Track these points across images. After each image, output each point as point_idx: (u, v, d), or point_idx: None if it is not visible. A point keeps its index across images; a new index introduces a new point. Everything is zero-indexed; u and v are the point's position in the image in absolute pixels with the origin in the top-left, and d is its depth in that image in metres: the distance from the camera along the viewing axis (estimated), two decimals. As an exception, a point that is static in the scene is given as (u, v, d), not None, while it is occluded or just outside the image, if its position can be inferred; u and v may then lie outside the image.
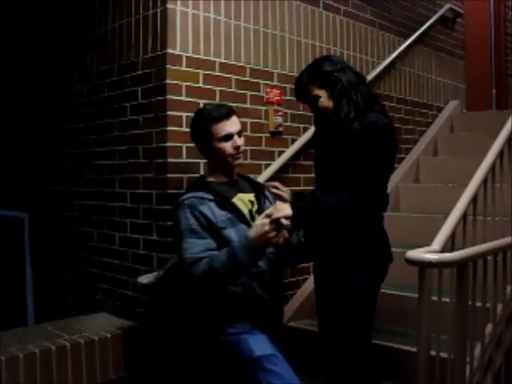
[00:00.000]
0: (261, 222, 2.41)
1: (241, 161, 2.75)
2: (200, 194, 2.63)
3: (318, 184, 2.91)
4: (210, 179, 2.77)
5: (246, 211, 2.69)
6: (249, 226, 2.59)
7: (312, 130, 3.37)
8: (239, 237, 2.50)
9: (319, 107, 2.72)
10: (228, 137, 2.67)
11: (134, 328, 3.38)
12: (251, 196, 2.78)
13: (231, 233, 2.56)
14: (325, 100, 2.70)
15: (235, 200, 2.69)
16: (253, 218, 2.68)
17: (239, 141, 2.71)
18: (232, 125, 2.70)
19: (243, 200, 2.73)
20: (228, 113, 2.71)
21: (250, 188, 2.83)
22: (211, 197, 2.62)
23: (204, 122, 2.70)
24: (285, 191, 2.97)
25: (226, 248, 2.48)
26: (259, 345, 2.53)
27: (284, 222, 2.41)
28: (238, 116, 2.77)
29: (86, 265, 3.93)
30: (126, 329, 3.35)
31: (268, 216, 2.42)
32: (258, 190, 2.85)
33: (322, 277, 2.90)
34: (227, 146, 2.68)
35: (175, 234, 2.65)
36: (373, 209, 2.63)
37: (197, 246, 2.52)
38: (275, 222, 2.40)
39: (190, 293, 2.73)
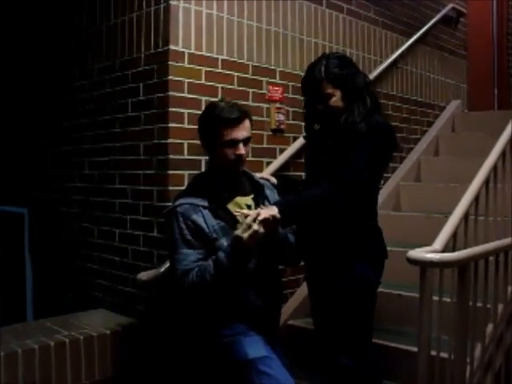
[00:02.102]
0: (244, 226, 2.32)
1: (241, 168, 2.63)
2: (194, 200, 2.53)
3: (309, 180, 2.90)
4: (208, 180, 2.65)
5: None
6: None
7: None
8: (225, 246, 2.43)
9: (330, 106, 2.69)
10: (232, 143, 2.52)
11: (133, 325, 3.38)
12: (249, 199, 2.67)
13: (223, 242, 2.48)
14: (337, 100, 2.67)
15: (231, 205, 2.59)
16: None
17: (243, 149, 2.55)
18: (240, 131, 2.52)
19: (239, 205, 2.61)
20: (239, 117, 2.52)
21: (248, 188, 2.72)
22: (206, 204, 2.52)
23: (211, 121, 2.55)
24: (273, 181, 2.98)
25: (213, 259, 2.41)
26: (254, 347, 2.50)
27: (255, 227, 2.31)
28: (251, 119, 2.61)
29: (86, 261, 3.93)
30: (126, 325, 3.35)
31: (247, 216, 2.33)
32: (258, 190, 2.73)
33: (315, 276, 2.89)
34: (229, 153, 2.53)
35: (169, 241, 2.59)
36: (355, 198, 2.57)
37: (188, 257, 2.47)
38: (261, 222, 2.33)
39: (184, 299, 2.72)
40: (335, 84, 2.67)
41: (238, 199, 2.63)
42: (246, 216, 2.33)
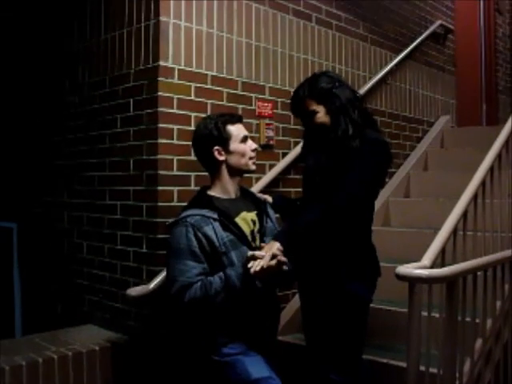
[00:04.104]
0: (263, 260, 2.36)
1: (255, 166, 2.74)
2: (205, 212, 2.52)
3: (305, 196, 2.92)
4: (213, 194, 2.66)
5: (248, 232, 2.61)
6: (250, 247, 2.53)
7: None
8: (235, 266, 2.44)
9: (316, 123, 2.73)
10: (246, 138, 2.66)
11: (122, 341, 3.36)
12: (253, 215, 2.69)
13: (232, 256, 2.48)
14: (322, 116, 2.71)
15: (238, 220, 2.60)
16: (254, 239, 2.62)
17: (254, 143, 2.71)
18: (244, 129, 2.70)
19: (246, 220, 2.64)
20: (240, 117, 2.73)
21: (252, 205, 2.74)
22: (216, 216, 2.52)
23: (222, 124, 2.61)
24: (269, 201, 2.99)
25: (220, 276, 2.41)
26: (256, 367, 2.48)
27: (282, 259, 2.42)
28: None
29: (75, 276, 3.91)
30: (115, 341, 3.33)
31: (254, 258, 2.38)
32: (260, 207, 2.76)
33: (308, 293, 2.89)
34: (247, 148, 2.65)
35: (172, 250, 2.53)
36: (345, 222, 2.62)
37: (193, 270, 2.44)
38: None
39: (180, 313, 2.68)
40: (318, 100, 2.72)
41: (244, 214, 2.65)
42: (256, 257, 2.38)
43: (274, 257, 2.38)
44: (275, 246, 2.43)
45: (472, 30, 7.10)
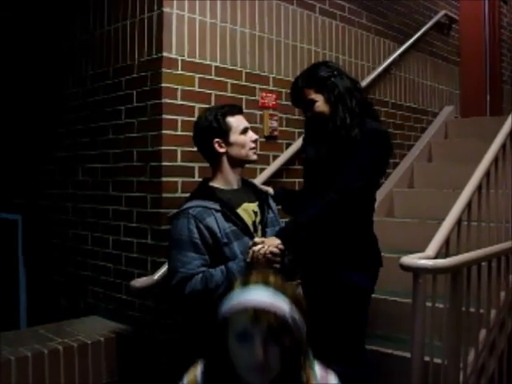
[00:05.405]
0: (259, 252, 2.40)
1: (256, 156, 2.73)
2: (206, 203, 2.52)
3: (307, 186, 2.92)
4: (215, 185, 2.65)
5: (249, 223, 2.60)
6: (252, 238, 2.52)
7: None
8: (237, 259, 2.45)
9: (315, 112, 2.73)
10: (246, 130, 2.65)
11: (127, 331, 3.37)
12: (255, 205, 2.68)
13: (234, 246, 2.48)
14: (321, 105, 2.71)
15: (240, 211, 2.59)
16: (256, 230, 2.62)
17: (255, 134, 2.70)
18: (245, 120, 2.69)
19: (247, 211, 2.63)
20: (240, 108, 2.72)
21: (253, 196, 2.73)
22: (218, 207, 2.51)
23: (222, 116, 2.60)
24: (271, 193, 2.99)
25: (221, 269, 2.42)
26: None
27: (272, 254, 2.42)
28: None
29: (80, 268, 3.92)
30: (120, 332, 3.34)
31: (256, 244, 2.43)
32: (262, 198, 2.75)
33: (310, 284, 2.89)
34: (247, 140, 2.64)
35: (173, 242, 2.52)
36: (348, 212, 2.61)
37: (194, 262, 2.44)
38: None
39: (181, 303, 2.69)
40: (317, 89, 2.72)
41: (246, 205, 2.65)
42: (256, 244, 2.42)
43: (271, 253, 2.41)
44: (275, 242, 2.44)
45: (476, 19, 7.07)
